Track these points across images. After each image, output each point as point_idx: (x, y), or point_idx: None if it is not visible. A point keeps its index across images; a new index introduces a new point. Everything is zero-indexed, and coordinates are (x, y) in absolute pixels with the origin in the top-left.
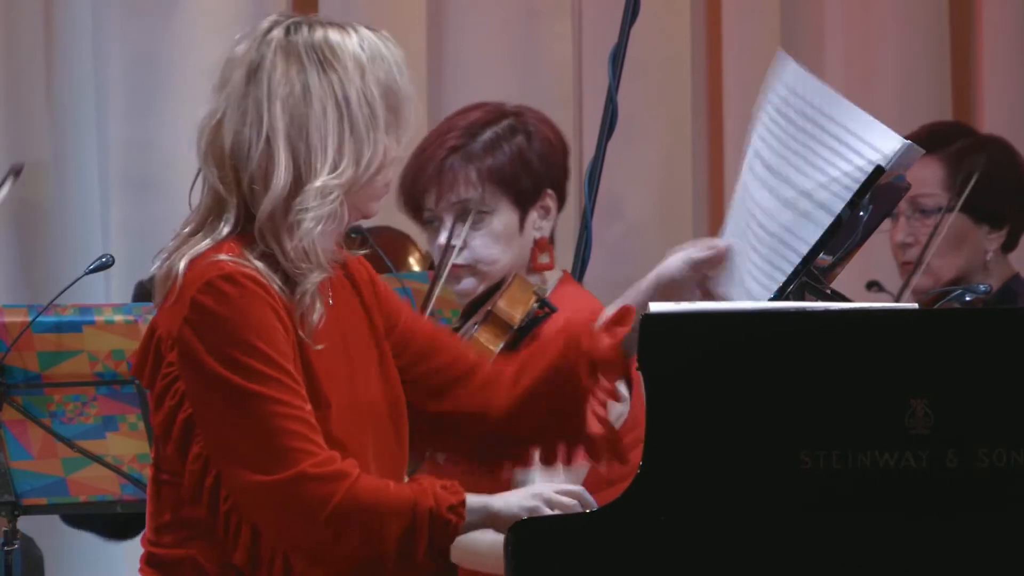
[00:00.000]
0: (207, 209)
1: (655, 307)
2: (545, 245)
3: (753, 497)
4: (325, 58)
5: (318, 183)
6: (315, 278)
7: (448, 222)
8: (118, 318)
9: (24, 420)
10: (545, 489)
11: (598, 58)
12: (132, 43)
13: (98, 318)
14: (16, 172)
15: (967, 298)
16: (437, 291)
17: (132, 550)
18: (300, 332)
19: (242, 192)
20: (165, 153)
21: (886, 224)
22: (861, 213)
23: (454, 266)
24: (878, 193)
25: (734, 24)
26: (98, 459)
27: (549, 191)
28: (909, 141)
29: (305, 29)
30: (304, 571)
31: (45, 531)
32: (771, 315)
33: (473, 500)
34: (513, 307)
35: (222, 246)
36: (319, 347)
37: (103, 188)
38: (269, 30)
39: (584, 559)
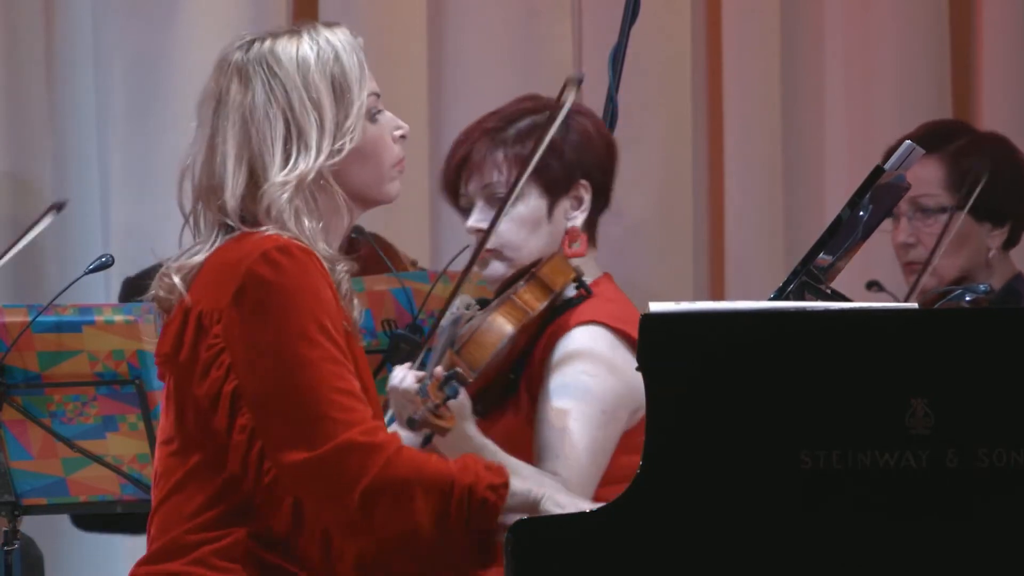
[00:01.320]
0: (204, 237)
1: (655, 307)
2: (577, 234)
3: (753, 497)
4: (269, 67)
5: (276, 180)
6: (342, 268)
7: (478, 206)
8: (118, 318)
9: (24, 420)
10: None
11: (598, 58)
12: (132, 44)
13: (98, 318)
14: (58, 208)
15: (967, 298)
16: (467, 276)
17: (132, 550)
18: (346, 324)
19: (222, 214)
20: (165, 153)
21: (887, 224)
22: (861, 213)
23: (486, 251)
24: (878, 193)
25: (734, 24)
26: (98, 459)
27: (583, 182)
28: (910, 141)
29: (257, 44)
30: (342, 543)
31: (45, 531)
32: (771, 315)
33: (517, 485)
34: (555, 275)
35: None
36: (362, 344)
37: (103, 188)
38: (228, 56)
39: (584, 558)
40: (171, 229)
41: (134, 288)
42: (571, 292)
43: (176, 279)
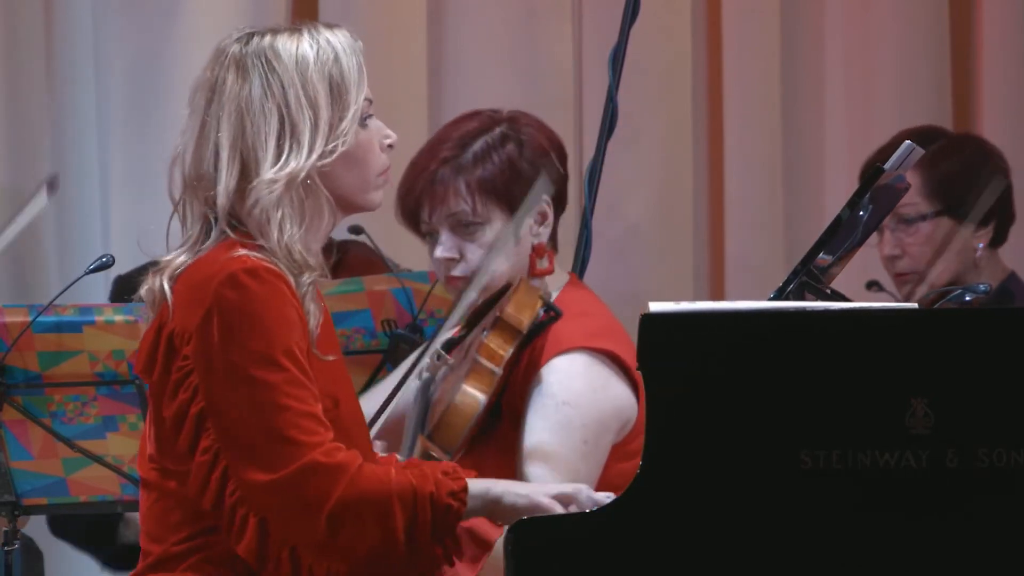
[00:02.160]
0: (190, 232)
1: (655, 307)
2: (543, 250)
3: (753, 497)
4: (268, 62)
5: (266, 177)
6: (307, 279)
7: (443, 235)
8: (118, 318)
9: (24, 420)
10: (550, 485)
11: (598, 58)
12: (132, 43)
13: (98, 318)
14: (51, 184)
15: (967, 298)
16: (460, 307)
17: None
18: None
19: (209, 206)
20: (165, 153)
21: (873, 239)
22: (861, 213)
23: (453, 278)
24: (878, 193)
25: (734, 24)
26: (98, 459)
27: (544, 197)
28: (909, 141)
29: (256, 38)
30: (313, 563)
31: (45, 531)
32: (771, 315)
33: (475, 486)
34: (521, 312)
35: (233, 245)
36: (330, 358)
37: (103, 188)
38: (226, 47)
39: (584, 559)
40: (171, 229)
41: (126, 286)
42: (539, 314)
43: (162, 280)
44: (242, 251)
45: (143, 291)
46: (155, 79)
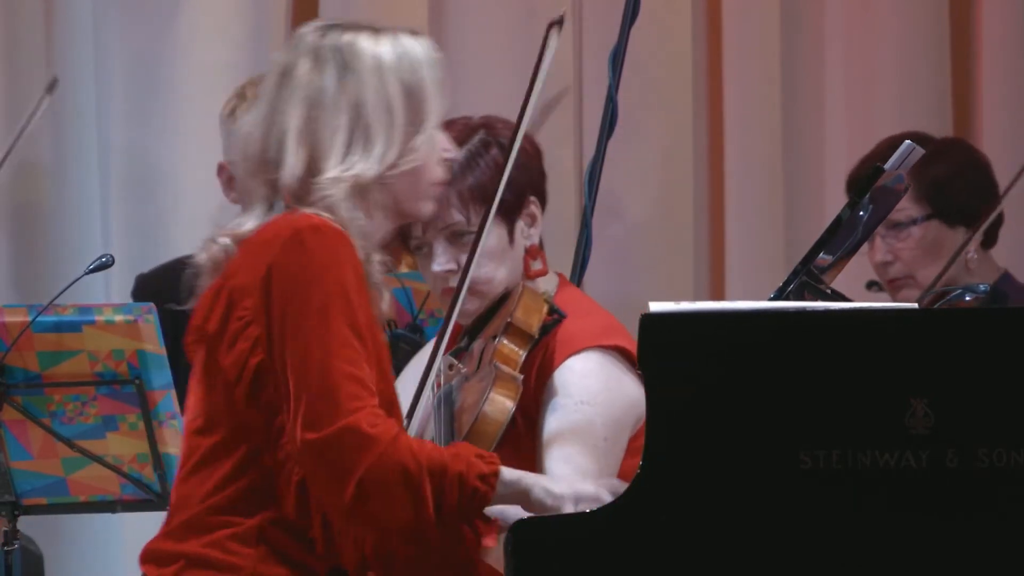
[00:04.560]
0: (245, 210)
1: (655, 307)
2: (536, 252)
3: (753, 497)
4: (346, 60)
5: (329, 175)
6: (378, 260)
7: (439, 248)
8: (118, 318)
9: (24, 420)
10: (585, 485)
11: (598, 58)
12: (133, 43)
13: (98, 318)
14: (51, 88)
15: (967, 298)
16: (454, 318)
17: (132, 550)
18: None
19: (271, 189)
20: (166, 153)
21: (864, 246)
22: (861, 213)
23: (451, 290)
24: (878, 193)
25: (734, 24)
26: (98, 459)
27: (532, 198)
28: (909, 141)
29: (336, 32)
30: (341, 529)
31: (45, 531)
32: (771, 315)
33: (508, 474)
34: (529, 316)
35: (298, 212)
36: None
37: (103, 188)
38: (303, 35)
39: (584, 559)
40: (171, 229)
41: (147, 285)
42: (544, 317)
43: (228, 242)
44: (309, 210)
45: (202, 259)
46: (155, 79)
